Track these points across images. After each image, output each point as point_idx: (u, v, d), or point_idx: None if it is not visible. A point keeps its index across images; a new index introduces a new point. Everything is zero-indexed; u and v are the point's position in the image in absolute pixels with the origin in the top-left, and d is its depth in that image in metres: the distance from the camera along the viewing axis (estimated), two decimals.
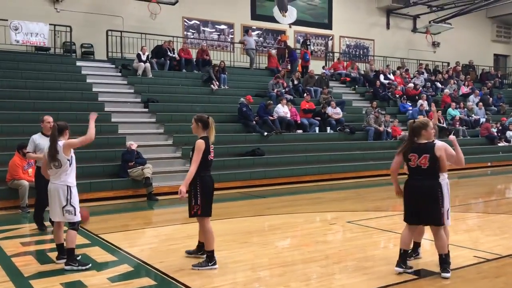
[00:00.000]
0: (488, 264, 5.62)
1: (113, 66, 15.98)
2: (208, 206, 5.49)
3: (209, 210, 5.51)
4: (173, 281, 5.07)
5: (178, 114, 13.85)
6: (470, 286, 4.90)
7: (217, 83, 16.01)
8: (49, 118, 7.60)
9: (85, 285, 4.95)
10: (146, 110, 14.05)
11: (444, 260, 5.16)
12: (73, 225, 5.50)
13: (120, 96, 14.45)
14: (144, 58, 15.58)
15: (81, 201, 5.75)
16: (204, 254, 5.62)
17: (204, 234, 5.53)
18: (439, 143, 5.19)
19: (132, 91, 14.80)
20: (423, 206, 5.11)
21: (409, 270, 5.22)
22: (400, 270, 5.15)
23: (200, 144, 5.37)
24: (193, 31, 19.62)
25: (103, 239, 6.92)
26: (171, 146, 12.81)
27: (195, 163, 5.32)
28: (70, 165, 5.44)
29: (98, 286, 4.94)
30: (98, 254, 6.16)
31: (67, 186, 5.42)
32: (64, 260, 5.56)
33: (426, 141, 5.15)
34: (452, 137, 5.56)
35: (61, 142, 5.43)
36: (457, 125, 18.56)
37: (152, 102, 14.19)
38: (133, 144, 11.01)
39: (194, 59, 17.34)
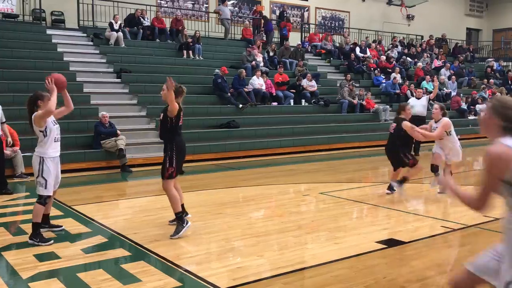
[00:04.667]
0: (454, 234, 5.83)
1: (85, 35, 15.59)
2: (180, 167, 5.83)
3: (180, 170, 5.86)
4: (148, 252, 5.11)
5: (152, 85, 13.65)
6: (436, 254, 5.08)
7: (187, 51, 15.92)
8: None
9: (59, 257, 4.94)
10: (119, 80, 13.82)
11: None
12: (39, 199, 5.41)
13: (92, 66, 14.16)
14: (116, 27, 15.24)
15: None
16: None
17: (169, 198, 5.65)
18: None
19: (104, 61, 14.51)
20: None
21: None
22: None
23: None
24: (167, 0, 19.23)
25: (76, 211, 6.89)
26: (144, 117, 12.68)
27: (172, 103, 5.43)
28: (45, 136, 5.38)
29: (72, 257, 4.94)
30: (71, 225, 6.14)
31: (40, 157, 5.37)
32: (46, 229, 5.69)
33: None
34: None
35: (35, 114, 5.37)
36: None
37: (125, 72, 13.95)
38: (105, 115, 10.88)
39: (168, 29, 17.05)
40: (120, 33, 15.23)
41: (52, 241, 5.38)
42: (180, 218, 5.62)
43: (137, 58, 14.92)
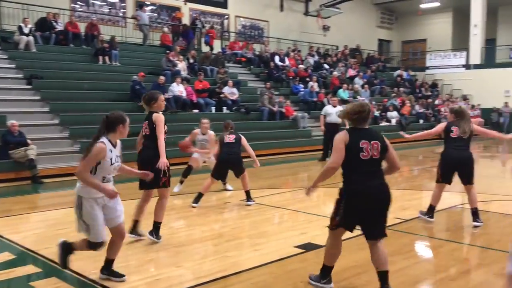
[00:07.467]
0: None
1: None
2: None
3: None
4: (61, 268, 4.84)
5: (65, 91, 13.06)
6: (352, 256, 5.25)
7: (103, 57, 15.45)
8: None
9: None
10: (30, 87, 13.10)
11: None
12: (93, 246, 4.49)
13: (0, 71, 13.31)
14: (26, 30, 14.47)
15: None
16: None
17: (162, 207, 5.95)
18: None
19: (13, 66, 13.70)
20: None
21: None
22: None
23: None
24: (82, 4, 18.54)
25: None
26: (57, 125, 12.07)
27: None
28: (93, 172, 4.40)
29: None
30: None
31: (78, 196, 4.40)
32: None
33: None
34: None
35: (101, 140, 4.39)
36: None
37: (36, 78, 13.25)
38: (14, 123, 10.26)
39: (83, 34, 16.44)
40: (31, 37, 14.48)
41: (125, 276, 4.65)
42: (158, 229, 5.92)
43: (49, 63, 14.23)
